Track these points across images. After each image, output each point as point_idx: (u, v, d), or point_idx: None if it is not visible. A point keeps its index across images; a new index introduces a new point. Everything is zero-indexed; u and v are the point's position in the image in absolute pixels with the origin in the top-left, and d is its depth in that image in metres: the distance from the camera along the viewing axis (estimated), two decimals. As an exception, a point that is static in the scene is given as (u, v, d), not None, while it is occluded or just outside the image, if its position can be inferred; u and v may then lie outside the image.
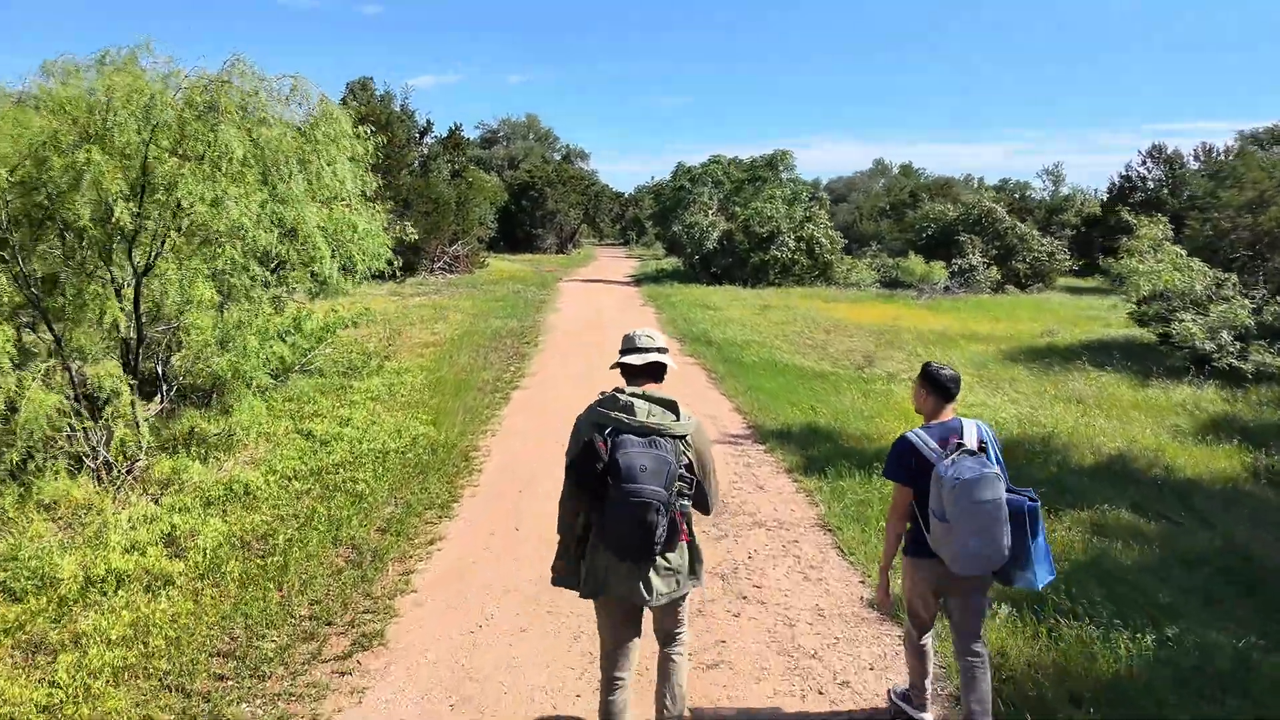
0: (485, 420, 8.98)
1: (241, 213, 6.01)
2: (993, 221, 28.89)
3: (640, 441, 2.81)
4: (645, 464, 2.75)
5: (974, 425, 3.28)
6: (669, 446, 2.82)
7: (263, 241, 6.38)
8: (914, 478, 3.23)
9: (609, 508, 2.79)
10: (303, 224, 7.10)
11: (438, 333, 15.05)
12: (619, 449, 2.78)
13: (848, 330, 17.29)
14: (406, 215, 28.45)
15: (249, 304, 6.88)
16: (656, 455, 2.78)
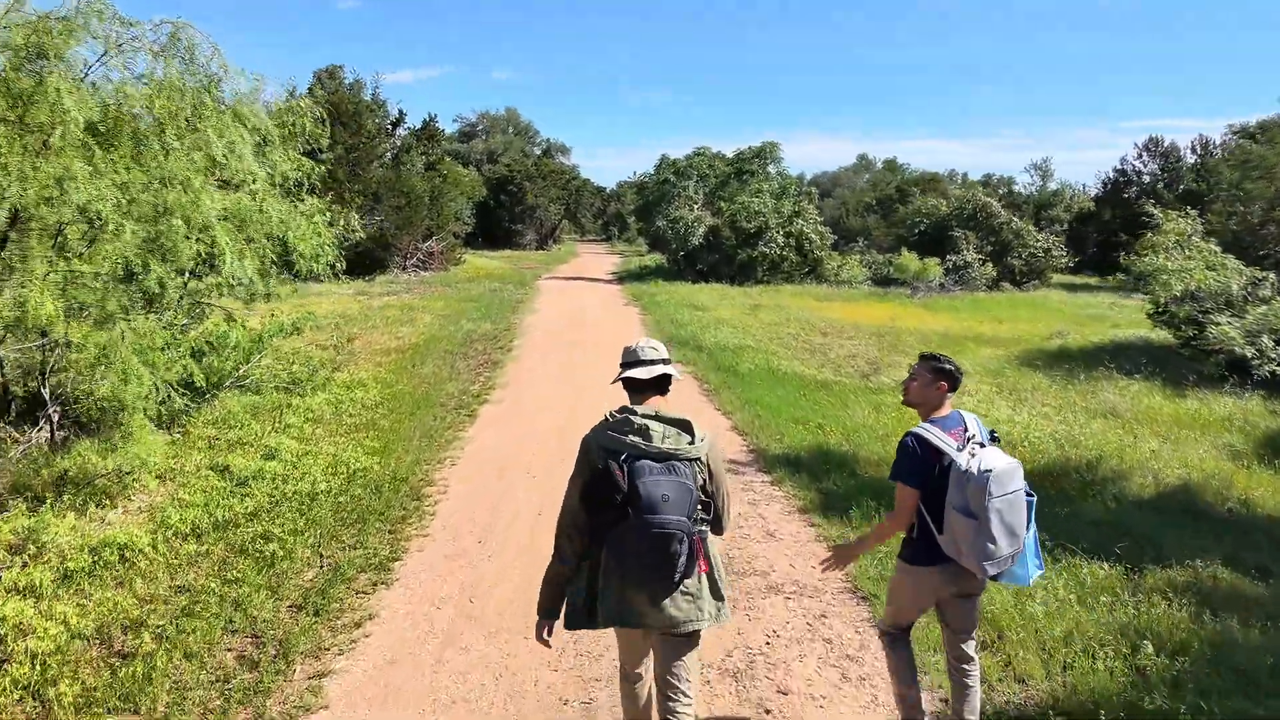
0: (445, 444, 7.73)
1: (94, 197, 4.70)
2: (988, 216, 27.91)
3: (659, 468, 2.62)
4: (667, 493, 2.58)
5: (974, 417, 3.15)
6: (687, 471, 2.66)
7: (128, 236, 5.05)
8: (930, 478, 3.01)
9: (629, 538, 2.59)
10: (196, 212, 5.77)
11: (402, 337, 13.74)
12: (638, 476, 2.58)
13: (845, 332, 16.17)
14: (376, 209, 27.10)
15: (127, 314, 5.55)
16: (678, 483, 2.61)
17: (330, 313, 16.38)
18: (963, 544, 2.93)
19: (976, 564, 2.93)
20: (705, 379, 11.10)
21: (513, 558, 5.26)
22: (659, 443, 2.68)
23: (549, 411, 8.94)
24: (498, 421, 8.70)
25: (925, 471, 3.03)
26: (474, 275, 28.60)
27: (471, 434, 8.21)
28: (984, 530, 2.87)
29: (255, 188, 6.99)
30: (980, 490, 2.86)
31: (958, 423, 3.09)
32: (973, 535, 2.90)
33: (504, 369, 11.65)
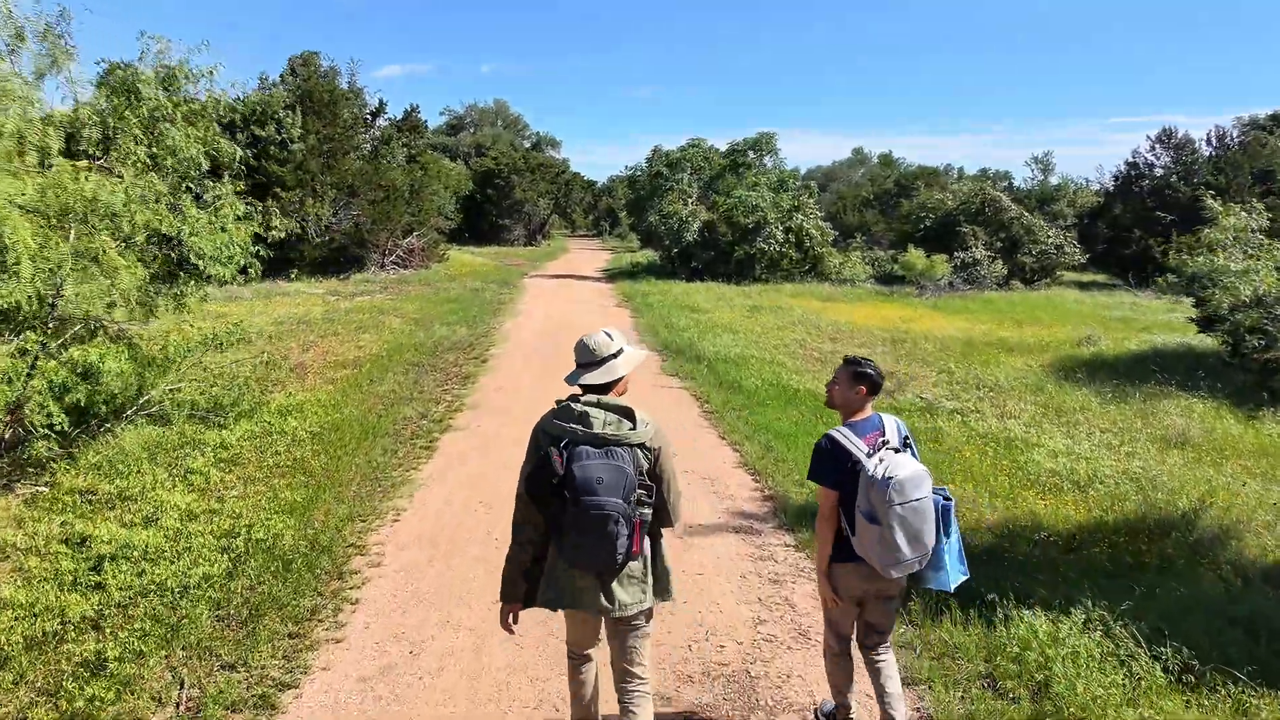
0: (390, 491, 6.26)
1: None
2: (997, 211, 26.55)
3: (597, 453, 2.67)
4: (602, 476, 2.62)
5: (893, 421, 3.18)
6: (626, 456, 2.69)
7: None
8: (843, 479, 3.04)
9: (568, 523, 2.64)
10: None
11: (364, 346, 12.24)
12: (575, 460, 2.65)
13: (855, 337, 14.75)
14: (352, 203, 25.52)
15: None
16: (613, 466, 2.65)
17: (289, 317, 14.87)
18: (868, 547, 2.99)
19: (880, 566, 2.99)
20: (706, 397, 9.65)
21: (457, 678, 3.82)
22: (599, 429, 2.72)
23: (524, 442, 7.47)
24: (460, 456, 7.23)
25: (838, 472, 3.07)
26: (457, 273, 27.11)
27: (426, 474, 6.75)
28: (885, 535, 2.92)
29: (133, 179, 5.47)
30: (882, 496, 2.90)
31: (875, 427, 3.13)
32: (876, 539, 2.96)
33: (475, 385, 10.18)
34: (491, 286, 23.03)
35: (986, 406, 9.38)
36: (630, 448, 2.73)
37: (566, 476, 2.63)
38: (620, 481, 2.64)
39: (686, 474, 6.94)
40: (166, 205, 6.16)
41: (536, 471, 2.71)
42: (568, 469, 2.64)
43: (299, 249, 23.92)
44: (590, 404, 2.80)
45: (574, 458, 2.65)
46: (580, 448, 2.68)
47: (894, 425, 3.16)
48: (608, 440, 2.71)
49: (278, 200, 22.65)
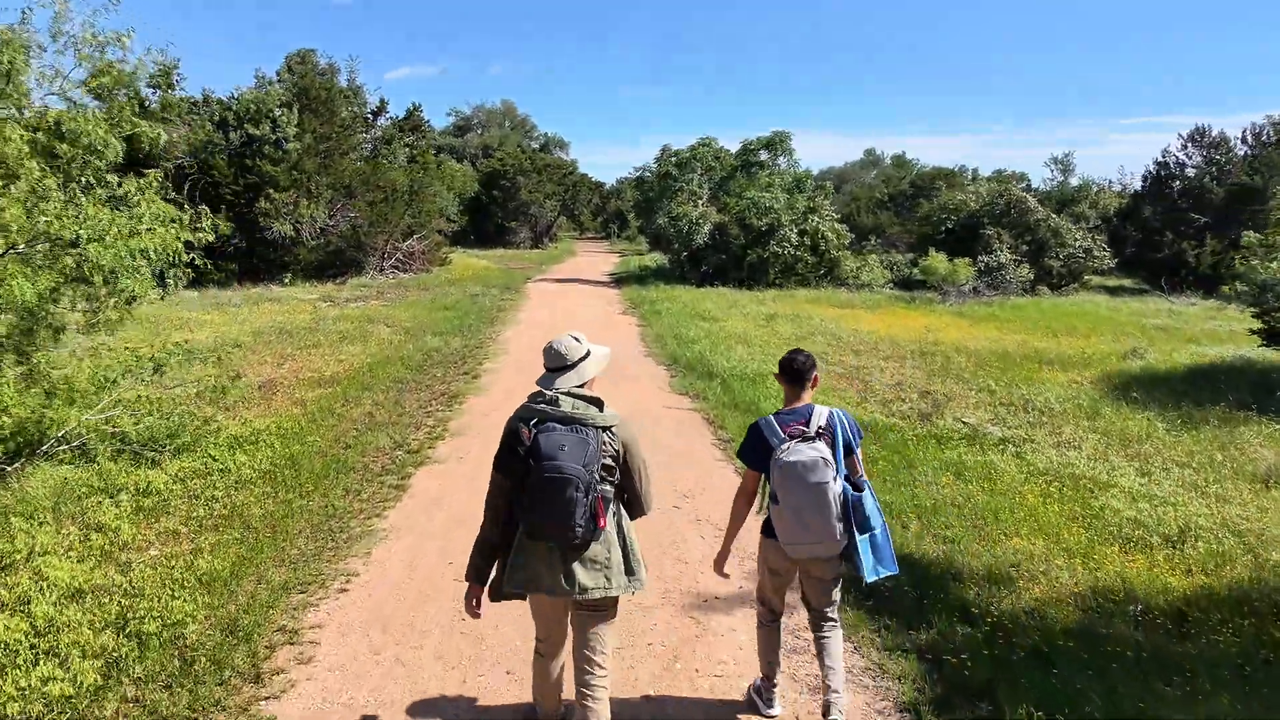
0: (343, 548, 5.20)
1: None
2: (1022, 213, 25.33)
3: (562, 428, 2.81)
4: (564, 444, 2.74)
5: (825, 411, 3.26)
6: (591, 434, 2.81)
7: None
8: (761, 462, 3.24)
9: (531, 490, 2.75)
10: None
11: (345, 360, 11.20)
12: (542, 433, 2.79)
13: (880, 349, 13.63)
14: (349, 205, 24.54)
15: None
16: (578, 438, 2.77)
17: (270, 326, 13.85)
18: (776, 525, 3.23)
19: (784, 544, 3.23)
20: (720, 421, 8.56)
21: None
22: (567, 409, 2.86)
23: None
24: (434, 498, 6.17)
25: (756, 455, 3.27)
26: (458, 277, 26.09)
27: (391, 522, 5.69)
28: (783, 515, 3.16)
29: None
30: (780, 479, 3.12)
31: (801, 417, 3.24)
32: (776, 517, 3.21)
33: (462, 406, 9.12)
34: (493, 292, 22.01)
35: (1040, 434, 8.25)
36: (596, 429, 2.84)
37: (532, 445, 2.77)
38: (582, 450, 2.75)
39: (700, 523, 5.86)
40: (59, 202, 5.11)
41: (505, 444, 2.88)
42: (534, 439, 2.78)
43: (293, 252, 22.99)
44: (563, 392, 2.92)
45: (541, 431, 2.80)
46: (548, 424, 2.82)
47: (823, 416, 3.24)
48: (574, 419, 2.84)
49: (271, 201, 21.72)
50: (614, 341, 13.81)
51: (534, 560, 2.91)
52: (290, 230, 22.23)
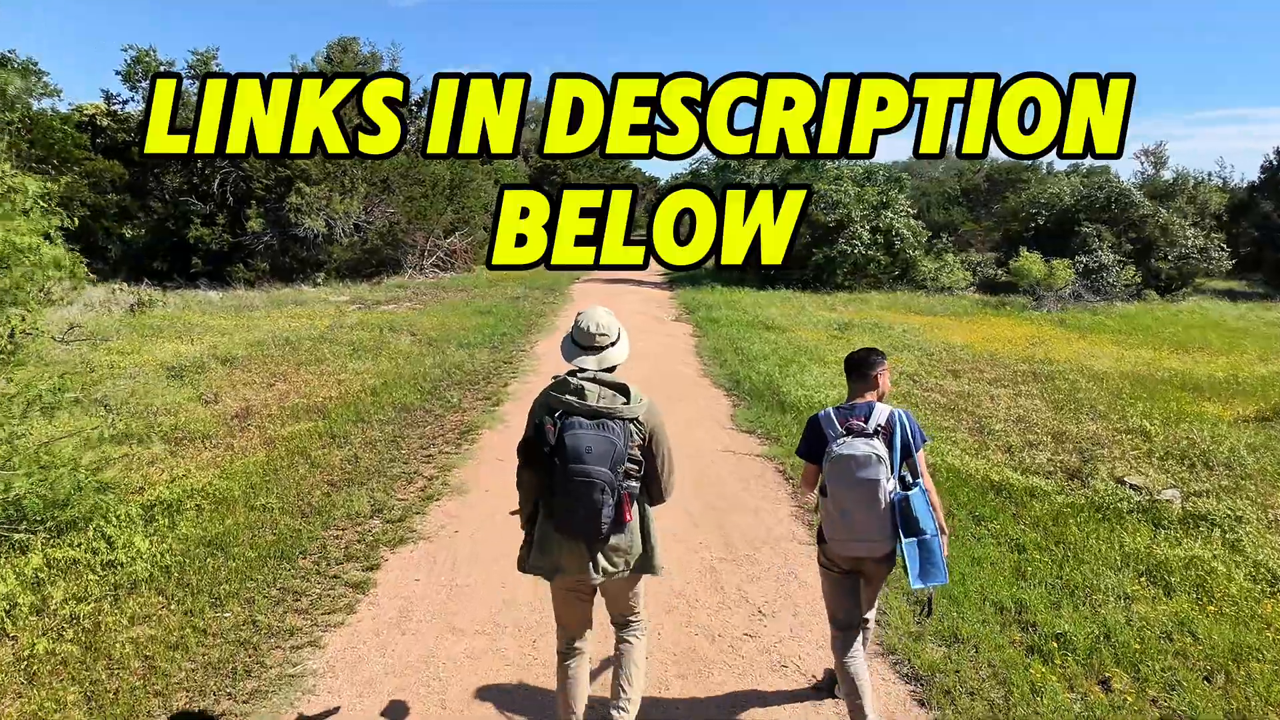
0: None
1: None
2: (1126, 207, 22.52)
3: (589, 424, 2.75)
4: (591, 445, 2.70)
5: (887, 410, 3.12)
6: (618, 429, 2.77)
7: None
8: (818, 456, 3.15)
9: (557, 489, 2.75)
10: None
11: (348, 380, 9.51)
12: (567, 430, 2.73)
13: (982, 368, 11.38)
14: (386, 199, 23.13)
15: None
16: (603, 437, 2.73)
17: (275, 336, 12.28)
18: (824, 520, 3.18)
19: (830, 541, 3.15)
20: (798, 479, 6.56)
21: None
22: (593, 402, 2.80)
23: (519, 576, 4.46)
24: (404, 608, 4.34)
25: (810, 448, 3.19)
26: (503, 276, 24.46)
27: (329, 659, 3.87)
28: (830, 510, 3.09)
29: None
30: (830, 472, 3.04)
31: (861, 413, 3.13)
32: (824, 512, 3.15)
33: (476, 445, 7.32)
34: (535, 293, 20.30)
35: (1244, 506, 6.02)
36: (623, 421, 2.79)
37: (558, 444, 2.71)
38: (609, 452, 2.71)
39: (786, 669, 3.89)
40: None
41: (530, 439, 2.82)
42: (559, 438, 2.72)
43: (327, 250, 21.64)
44: (587, 379, 2.85)
45: (566, 428, 2.73)
46: (573, 419, 2.75)
47: (883, 415, 3.10)
48: (600, 413, 2.77)
49: (302, 196, 20.39)
50: (665, 356, 11.88)
51: (558, 546, 2.89)
52: (323, 227, 20.88)
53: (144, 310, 15.89)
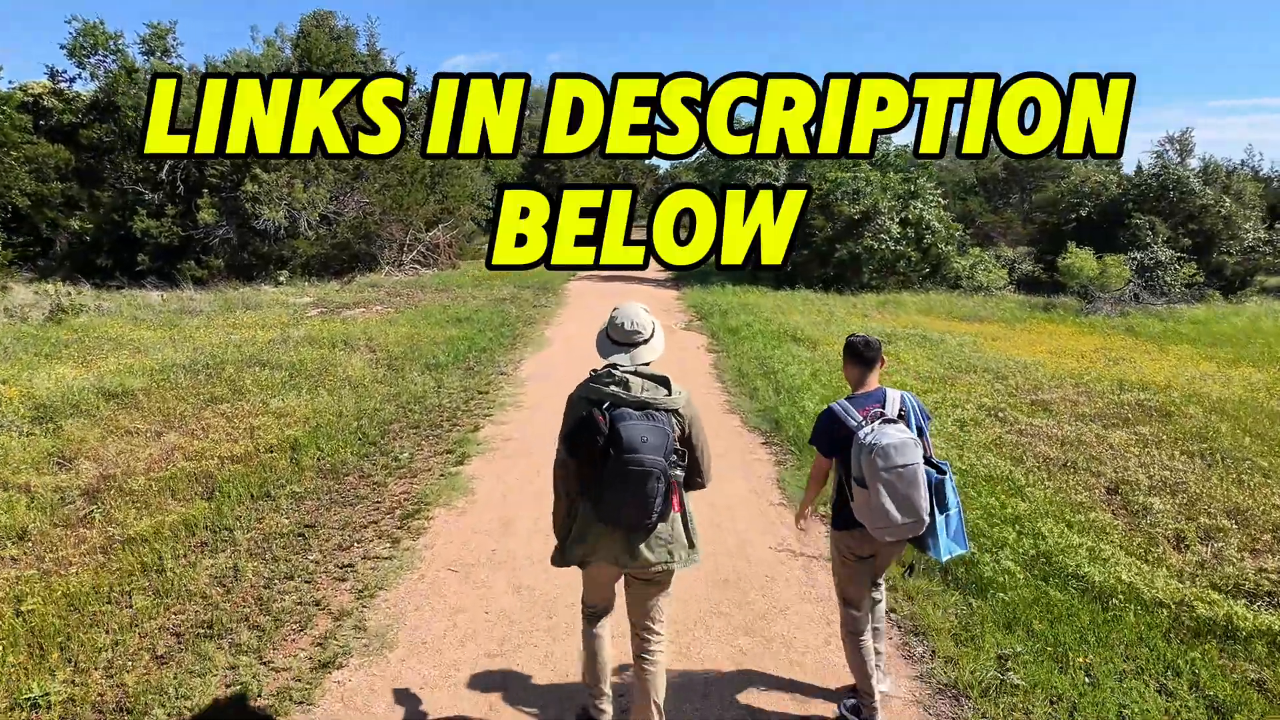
0: None
1: None
2: (1182, 196, 20.23)
3: (637, 414, 2.77)
4: (645, 435, 2.72)
5: (898, 395, 3.24)
6: (663, 419, 2.80)
7: None
8: (836, 448, 3.21)
9: (608, 479, 2.73)
10: None
11: (268, 425, 7.22)
12: (619, 421, 2.73)
13: (1074, 398, 9.12)
14: (356, 188, 20.76)
15: None
16: (655, 428, 2.75)
17: (197, 355, 9.96)
18: (861, 511, 3.11)
19: (871, 529, 3.11)
20: (917, 613, 4.31)
21: None
22: (637, 393, 2.81)
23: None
24: None
25: (832, 441, 3.20)
26: (490, 275, 22.13)
27: None
28: (873, 499, 3.04)
29: None
30: (869, 462, 3.02)
31: (876, 400, 3.21)
32: (864, 502, 3.08)
33: (421, 539, 5.08)
34: (526, 293, 18.02)
35: None
36: (666, 412, 2.81)
37: (612, 434, 2.70)
38: (662, 442, 2.73)
39: None
40: None
41: (579, 430, 2.76)
42: (613, 428, 2.71)
43: (289, 244, 19.27)
44: (630, 371, 2.88)
45: (618, 418, 2.73)
46: (622, 409, 2.76)
47: (897, 400, 3.20)
48: (646, 404, 2.79)
49: (258, 183, 18.01)
50: (680, 380, 9.56)
51: (598, 538, 2.88)
52: (284, 218, 18.52)
53: (63, 317, 13.59)
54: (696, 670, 3.78)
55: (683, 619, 4.20)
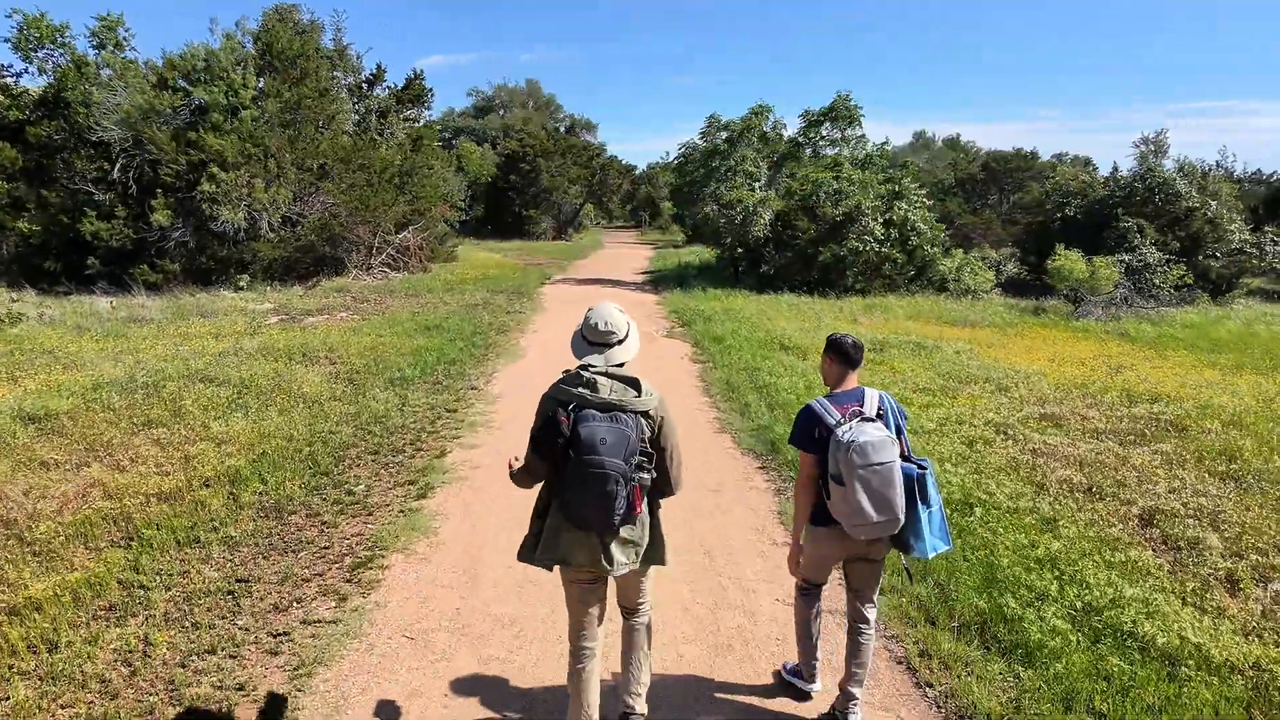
0: None
1: None
2: (1168, 199, 19.93)
3: (602, 416, 2.73)
4: (605, 437, 2.68)
5: (876, 394, 3.25)
6: (630, 421, 2.76)
7: None
8: (816, 445, 3.17)
9: (570, 480, 2.72)
10: None
11: (202, 454, 6.43)
12: (581, 423, 2.71)
13: (1084, 411, 8.58)
14: (320, 187, 19.85)
15: None
16: (617, 429, 2.71)
17: (137, 371, 9.11)
18: (838, 508, 3.10)
19: (848, 527, 3.10)
20: (923, 646, 3.66)
21: None
22: (605, 394, 2.78)
23: None
24: None
25: (811, 438, 3.17)
26: (462, 278, 21.38)
27: None
28: (849, 497, 3.03)
29: None
30: (847, 459, 3.01)
31: (854, 398, 3.21)
32: (840, 499, 3.07)
33: (367, 606, 4.35)
34: (499, 298, 17.24)
35: None
36: (634, 414, 2.78)
37: (572, 436, 2.68)
38: (622, 444, 2.68)
39: None
40: None
41: (542, 430, 2.76)
42: (573, 429, 2.68)
43: (250, 247, 18.33)
44: (599, 373, 2.85)
45: (580, 420, 2.70)
46: (587, 411, 2.73)
47: (875, 398, 3.20)
48: (613, 406, 2.75)
49: (215, 183, 17.06)
50: (664, 393, 8.90)
51: (568, 538, 2.87)
52: (243, 220, 17.58)
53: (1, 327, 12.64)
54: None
55: (680, 698, 3.52)
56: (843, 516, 3.09)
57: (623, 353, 2.95)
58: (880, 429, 3.07)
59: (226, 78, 18.69)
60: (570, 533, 2.85)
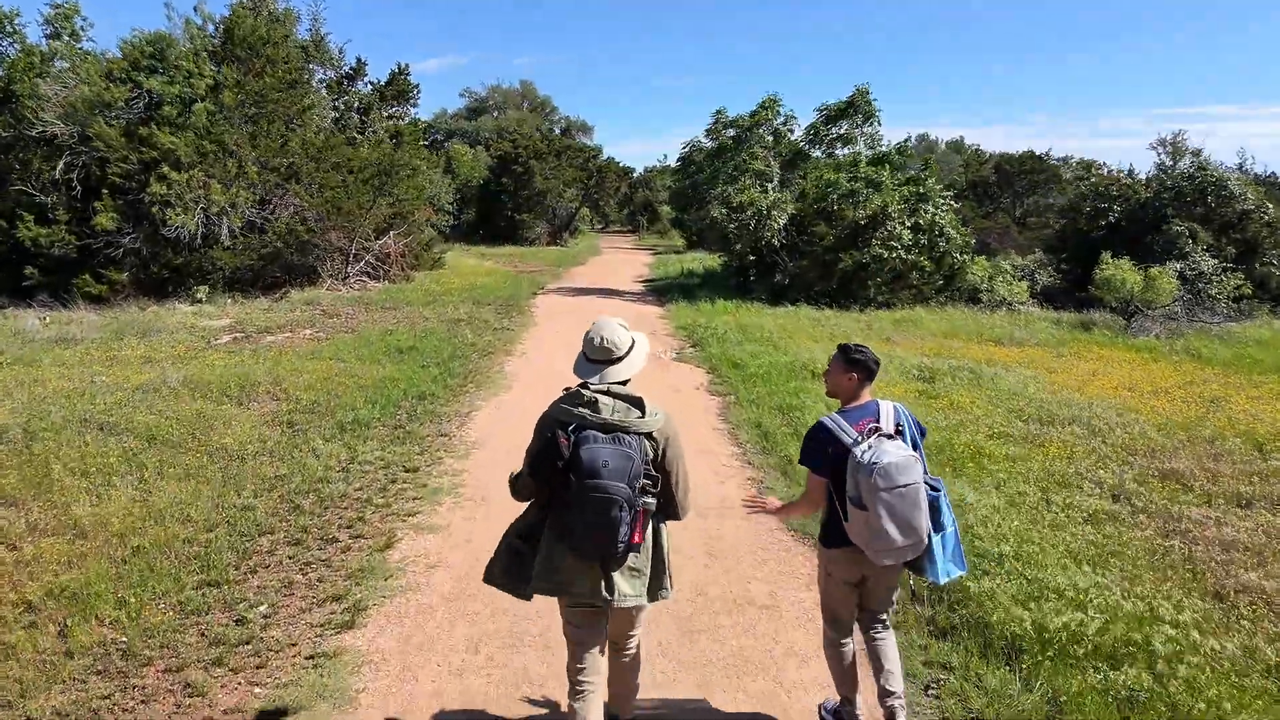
0: None
1: None
2: (1221, 201, 18.21)
3: (604, 438, 2.57)
4: (607, 459, 2.51)
5: (891, 407, 3.05)
6: (633, 443, 2.60)
7: None
8: (830, 466, 2.96)
9: (572, 505, 2.55)
10: None
11: (53, 552, 4.61)
12: (581, 444, 2.55)
13: (1210, 463, 6.82)
14: (287, 189, 18.00)
15: None
16: (619, 451, 2.55)
17: (24, 412, 7.27)
18: (859, 533, 2.90)
19: (871, 553, 2.90)
20: None
21: None
22: (607, 415, 2.64)
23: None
24: None
25: (825, 458, 2.98)
26: (446, 287, 19.59)
27: None
28: (873, 522, 2.83)
29: None
30: (869, 482, 2.81)
31: (870, 413, 3.02)
32: (864, 525, 2.86)
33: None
34: (485, 311, 15.44)
35: None
36: (638, 436, 2.64)
37: (572, 459, 2.54)
38: (626, 467, 2.54)
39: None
40: None
41: (542, 453, 2.62)
42: (574, 452, 2.55)
43: (209, 255, 16.47)
44: (600, 391, 2.70)
45: (581, 441, 2.56)
46: (587, 432, 2.59)
47: (891, 411, 3.03)
48: (615, 427, 2.62)
49: (167, 184, 15.22)
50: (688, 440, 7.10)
51: (568, 566, 2.68)
52: (198, 224, 15.73)
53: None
54: None
55: None
56: (863, 541, 2.90)
57: (626, 369, 2.77)
58: (902, 447, 2.87)
59: (182, 67, 16.87)
60: (571, 560, 2.67)
